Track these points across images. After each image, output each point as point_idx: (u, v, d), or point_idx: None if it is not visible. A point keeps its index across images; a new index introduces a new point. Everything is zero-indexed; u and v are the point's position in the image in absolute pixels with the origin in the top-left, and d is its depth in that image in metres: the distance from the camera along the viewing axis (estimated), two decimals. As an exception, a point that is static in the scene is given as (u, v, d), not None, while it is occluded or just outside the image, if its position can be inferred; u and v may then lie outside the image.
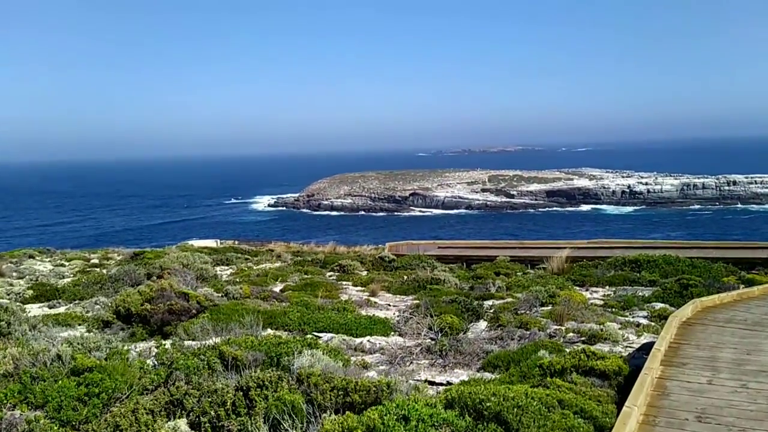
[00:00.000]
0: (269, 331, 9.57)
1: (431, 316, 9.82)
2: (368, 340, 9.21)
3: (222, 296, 12.42)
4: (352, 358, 8.02)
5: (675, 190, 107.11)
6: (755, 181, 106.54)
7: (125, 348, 7.24)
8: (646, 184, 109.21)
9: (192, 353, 6.88)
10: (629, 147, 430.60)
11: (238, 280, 16.16)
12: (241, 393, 4.61)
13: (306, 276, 16.95)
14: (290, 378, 5.01)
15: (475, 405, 3.98)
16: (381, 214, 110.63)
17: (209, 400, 4.86)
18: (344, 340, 9.01)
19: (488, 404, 3.94)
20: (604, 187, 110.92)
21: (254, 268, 20.02)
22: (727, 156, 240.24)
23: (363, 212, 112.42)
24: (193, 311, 9.47)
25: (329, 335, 9.35)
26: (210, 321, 9.13)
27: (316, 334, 9.51)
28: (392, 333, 9.78)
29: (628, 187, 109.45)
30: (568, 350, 7.66)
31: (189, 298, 9.67)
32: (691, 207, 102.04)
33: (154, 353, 7.78)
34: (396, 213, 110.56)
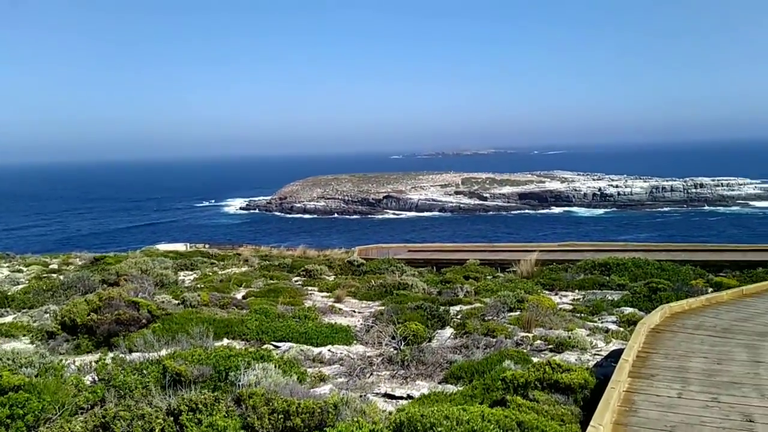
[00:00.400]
0: (225, 341, 9.10)
1: (395, 324, 9.44)
2: (328, 350, 8.80)
3: (179, 304, 11.88)
4: (309, 369, 7.61)
5: (644, 192, 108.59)
6: (721, 183, 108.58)
7: (61, 363, 6.72)
8: (617, 186, 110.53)
9: (134, 368, 6.40)
10: (601, 150, 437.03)
11: (200, 286, 15.58)
12: (172, 418, 4.17)
13: (271, 281, 16.45)
14: (230, 399, 4.58)
15: (426, 430, 3.61)
16: (354, 216, 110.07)
17: (139, 424, 4.41)
18: (302, 350, 8.59)
19: (440, 429, 3.58)
20: (576, 190, 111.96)
21: (219, 273, 19.42)
22: (727, 157, 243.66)
23: (336, 215, 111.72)
24: (143, 321, 8.95)
25: (288, 345, 8.92)
26: (160, 332, 8.63)
27: (274, 343, 9.07)
28: (354, 342, 9.39)
29: (599, 189, 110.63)
30: (534, 359, 7.36)
31: (139, 307, 9.14)
32: (660, 209, 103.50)
33: (95, 368, 7.27)
34: (369, 216, 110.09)
